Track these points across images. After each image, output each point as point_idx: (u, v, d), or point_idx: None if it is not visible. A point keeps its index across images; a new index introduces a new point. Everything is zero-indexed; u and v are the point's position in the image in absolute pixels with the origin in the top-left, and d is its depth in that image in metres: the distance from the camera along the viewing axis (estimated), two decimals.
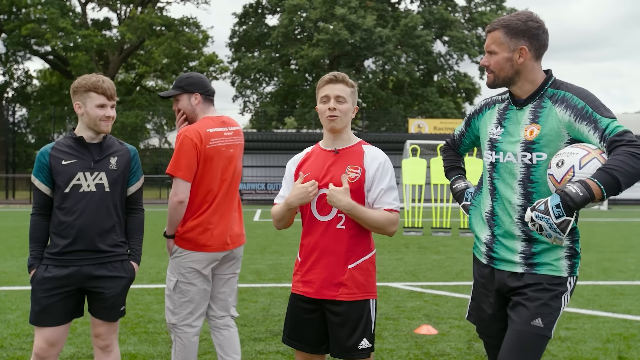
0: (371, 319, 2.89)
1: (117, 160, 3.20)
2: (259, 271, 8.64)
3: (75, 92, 3.16)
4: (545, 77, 2.66)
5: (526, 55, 2.61)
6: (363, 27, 37.88)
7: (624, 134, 2.38)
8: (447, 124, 33.00)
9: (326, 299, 2.86)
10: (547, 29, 2.66)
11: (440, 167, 14.66)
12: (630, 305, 6.57)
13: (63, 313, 3.14)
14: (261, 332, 5.32)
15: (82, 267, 3.10)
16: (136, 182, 3.31)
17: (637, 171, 2.31)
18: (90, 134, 3.18)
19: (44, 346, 3.12)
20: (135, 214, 3.34)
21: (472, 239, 12.43)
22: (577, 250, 2.63)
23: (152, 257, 9.91)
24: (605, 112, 2.46)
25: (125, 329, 5.43)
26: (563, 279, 2.61)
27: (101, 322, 3.20)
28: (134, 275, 3.30)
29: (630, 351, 4.84)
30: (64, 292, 3.10)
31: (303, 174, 2.94)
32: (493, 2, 43.68)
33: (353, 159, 2.91)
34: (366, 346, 2.85)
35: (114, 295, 3.17)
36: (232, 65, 44.15)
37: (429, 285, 7.70)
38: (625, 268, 9.26)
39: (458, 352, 4.80)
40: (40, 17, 37.08)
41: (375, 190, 2.88)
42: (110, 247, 3.16)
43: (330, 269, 2.86)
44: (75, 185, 3.10)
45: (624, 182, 2.31)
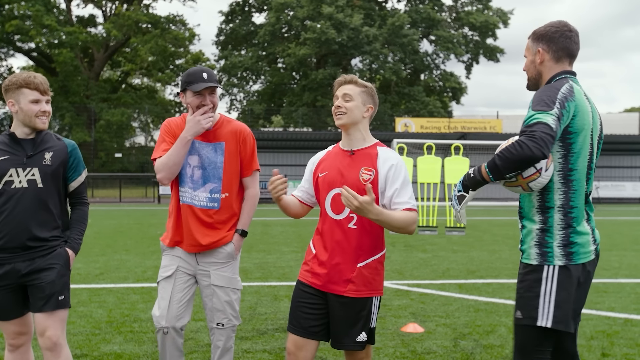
0: (372, 315, 3.02)
1: (52, 155, 3.17)
2: (245, 270, 8.62)
3: (7, 90, 3.14)
4: (550, 77, 2.80)
5: (543, 56, 2.80)
6: (350, 26, 37.93)
7: (532, 125, 2.54)
8: (434, 122, 33.14)
9: (333, 293, 2.99)
10: (572, 35, 2.80)
11: (427, 166, 14.73)
12: (614, 302, 6.64)
13: (10, 308, 3.16)
14: (248, 331, 5.31)
15: (16, 263, 3.10)
16: (77, 177, 3.29)
17: (515, 157, 2.51)
18: (25, 130, 3.16)
19: (14, 336, 3.19)
20: (79, 207, 3.33)
21: (457, 237, 12.51)
22: (547, 240, 2.69)
23: (137, 256, 9.86)
24: (537, 105, 2.60)
25: (110, 328, 5.39)
26: (535, 267, 2.71)
27: (42, 316, 3.10)
28: (68, 261, 3.23)
29: (614, 348, 4.89)
30: (6, 287, 3.12)
31: (320, 173, 3.08)
32: (479, 1, 43.94)
33: (367, 161, 3.00)
34: (363, 339, 2.99)
35: (49, 283, 3.11)
36: (219, 63, 44.01)
37: (415, 284, 7.73)
38: (609, 266, 9.36)
39: (444, 350, 4.82)
40: (25, 13, 36.70)
41: (389, 190, 2.96)
42: (43, 241, 3.14)
43: (340, 266, 2.98)
44: (7, 181, 3.09)
45: (502, 166, 2.55)
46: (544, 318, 2.67)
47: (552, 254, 2.68)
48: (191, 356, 4.61)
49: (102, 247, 10.78)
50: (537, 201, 2.73)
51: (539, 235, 2.72)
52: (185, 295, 3.39)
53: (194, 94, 3.27)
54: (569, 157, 2.66)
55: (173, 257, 3.42)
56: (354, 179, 2.96)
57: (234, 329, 3.44)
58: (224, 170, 3.36)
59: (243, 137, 3.42)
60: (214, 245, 3.37)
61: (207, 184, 3.35)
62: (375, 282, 3.00)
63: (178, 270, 3.39)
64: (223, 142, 3.37)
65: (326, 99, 40.20)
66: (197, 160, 3.36)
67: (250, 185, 3.48)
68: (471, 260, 9.94)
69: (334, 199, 3.00)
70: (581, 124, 2.66)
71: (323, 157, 3.15)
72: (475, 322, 5.71)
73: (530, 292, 2.70)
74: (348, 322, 2.98)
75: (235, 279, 3.44)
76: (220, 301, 3.38)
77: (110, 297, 6.73)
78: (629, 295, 7.07)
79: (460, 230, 14.20)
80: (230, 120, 3.46)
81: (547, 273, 2.68)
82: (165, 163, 3.27)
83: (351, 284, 2.96)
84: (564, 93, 2.62)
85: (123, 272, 8.43)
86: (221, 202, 3.37)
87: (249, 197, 3.48)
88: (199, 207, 3.35)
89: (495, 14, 43.39)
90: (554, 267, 2.68)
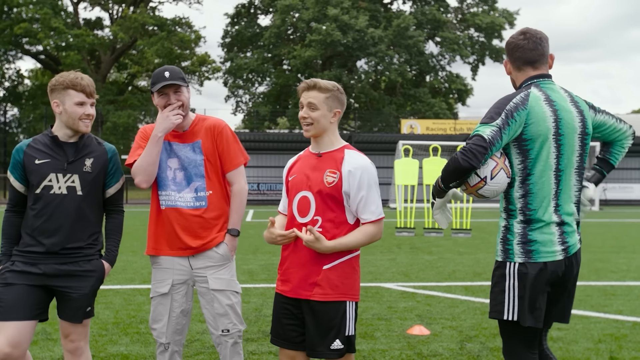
0: (346, 321, 2.89)
1: (92, 161, 3.11)
2: (251, 271, 8.62)
3: (53, 89, 3.06)
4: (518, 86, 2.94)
5: (509, 67, 2.98)
6: (355, 27, 37.94)
7: (470, 138, 2.72)
8: (440, 124, 33.08)
9: (302, 298, 2.91)
10: (525, 43, 2.88)
11: (432, 167, 14.70)
12: (622, 305, 6.60)
13: (25, 307, 2.98)
14: (254, 333, 5.30)
15: (48, 265, 3.03)
16: (115, 183, 3.23)
17: (450, 168, 2.72)
18: (67, 132, 3.09)
19: (7, 349, 2.93)
20: (115, 215, 3.27)
21: (463, 239, 12.49)
22: (508, 238, 2.85)
23: (144, 258, 9.87)
24: (483, 118, 2.77)
25: (117, 329, 5.40)
26: (500, 263, 2.88)
27: (68, 324, 3.10)
28: (104, 275, 3.18)
29: (622, 351, 4.86)
30: (25, 285, 3.00)
31: (290, 177, 3.05)
32: (485, 3, 43.85)
33: (332, 164, 2.93)
34: (338, 347, 2.86)
35: (80, 296, 3.06)
36: (225, 65, 44.12)
37: (421, 286, 7.71)
38: (617, 268, 9.30)
39: (450, 353, 4.80)
40: (33, 16, 36.90)
41: (355, 198, 2.90)
42: (78, 249, 3.08)
43: (305, 269, 2.90)
44: (47, 186, 3.02)
45: (443, 177, 2.78)
46: (509, 312, 2.81)
47: (512, 251, 2.83)
48: (197, 358, 4.61)
49: None
50: (503, 202, 2.91)
51: (503, 233, 2.89)
52: (185, 308, 3.33)
53: (158, 94, 3.24)
54: (526, 162, 2.79)
55: (165, 270, 3.31)
56: (318, 180, 2.91)
57: (240, 335, 3.33)
58: (205, 168, 3.29)
59: (218, 131, 3.32)
60: (204, 248, 3.27)
61: (191, 184, 3.29)
62: (344, 286, 2.89)
63: (174, 285, 3.30)
64: (199, 140, 3.30)
65: None
66: (177, 162, 3.30)
67: (235, 181, 3.36)
68: (477, 262, 9.90)
69: (300, 202, 2.95)
70: (536, 131, 2.75)
71: (294, 161, 3.11)
72: (481, 324, 5.69)
73: (497, 287, 2.86)
74: (320, 329, 2.87)
75: (234, 281, 3.36)
76: (222, 305, 3.28)
77: (117, 298, 6.74)
78: (638, 298, 7.02)
79: (467, 232, 14.16)
80: (205, 118, 3.39)
81: (509, 269, 2.84)
82: (139, 165, 3.21)
83: (317, 287, 2.87)
84: (515, 103, 2.76)
85: (129, 273, 8.45)
86: (208, 200, 3.28)
87: (235, 194, 3.35)
88: (187, 208, 3.26)
89: (501, 15, 43.29)
90: (514, 263, 2.83)
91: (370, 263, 9.60)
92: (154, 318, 3.33)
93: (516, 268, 2.81)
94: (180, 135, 3.33)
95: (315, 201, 2.91)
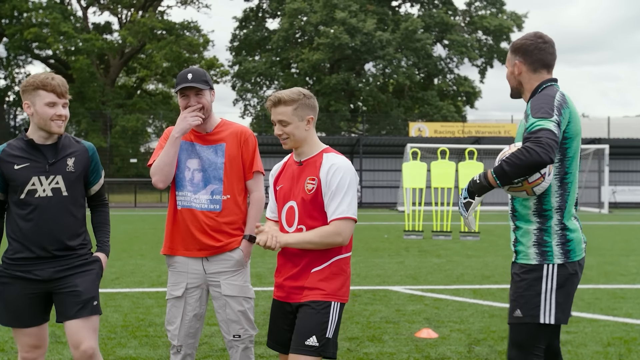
0: (328, 321, 2.84)
1: (74, 160, 3.08)
2: (259, 275, 8.64)
3: (24, 91, 3.03)
4: (536, 87, 2.93)
5: (521, 68, 2.94)
6: (363, 30, 37.94)
7: (536, 132, 2.60)
8: (448, 127, 33.00)
9: (293, 302, 2.94)
10: (546, 46, 2.93)
11: (440, 170, 14.68)
12: (631, 308, 6.55)
13: (33, 315, 3.07)
14: (262, 336, 5.30)
15: (43, 271, 3.02)
16: (98, 179, 3.23)
17: (524, 163, 2.57)
18: (42, 134, 3.04)
19: (27, 348, 3.09)
20: (101, 209, 3.28)
21: (472, 242, 12.44)
22: (546, 240, 2.80)
23: (152, 261, 9.91)
24: (537, 113, 2.69)
25: (125, 332, 5.43)
26: (534, 266, 2.81)
27: (76, 324, 3.02)
28: (102, 267, 3.20)
29: (631, 355, 4.83)
30: (29, 294, 3.03)
31: (277, 186, 3.07)
32: (493, 5, 43.73)
33: (312, 170, 2.94)
34: (312, 344, 2.80)
35: (86, 287, 3.05)
36: (233, 69, 44.23)
37: (429, 289, 7.69)
38: (626, 271, 9.25)
39: (459, 356, 4.79)
40: (42, 21, 37.17)
41: (325, 194, 2.89)
42: (72, 250, 3.07)
43: (296, 275, 2.93)
44: (30, 190, 2.99)
45: (510, 171, 2.61)
46: (545, 315, 2.77)
47: (552, 252, 2.79)
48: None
49: (118, 252, 10.85)
50: (534, 204, 2.83)
51: (537, 235, 2.81)
52: (198, 312, 3.36)
53: (180, 95, 3.27)
54: (565, 161, 2.80)
55: (180, 274, 3.34)
56: (300, 189, 2.93)
57: (251, 340, 3.36)
58: (225, 172, 3.30)
59: (245, 137, 3.36)
60: (219, 250, 3.29)
61: (208, 186, 3.30)
62: (332, 287, 2.88)
63: (187, 288, 3.33)
64: (224, 144, 3.33)
65: (339, 104, 40.19)
66: (197, 163, 3.32)
67: (254, 189, 3.41)
68: (486, 265, 9.87)
69: (287, 212, 2.98)
70: (575, 130, 2.80)
71: (280, 170, 3.10)
72: (489, 327, 5.67)
73: (531, 291, 2.79)
74: (300, 326, 2.86)
75: (247, 287, 3.38)
76: (234, 311, 3.30)
77: (126, 301, 6.78)
78: None
79: (475, 235, 14.11)
80: (231, 123, 3.43)
81: (547, 272, 2.79)
82: (157, 165, 3.26)
83: (306, 290, 2.89)
84: (559, 100, 2.76)
85: (138, 276, 8.48)
86: (223, 204, 3.29)
87: (254, 201, 3.41)
88: (200, 210, 3.28)
89: (509, 17, 43.15)
90: (553, 265, 2.79)
91: (379, 266, 9.60)
92: (169, 320, 3.38)
93: (556, 270, 2.78)
94: (202, 137, 3.35)
95: (299, 210, 2.93)
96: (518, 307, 2.81)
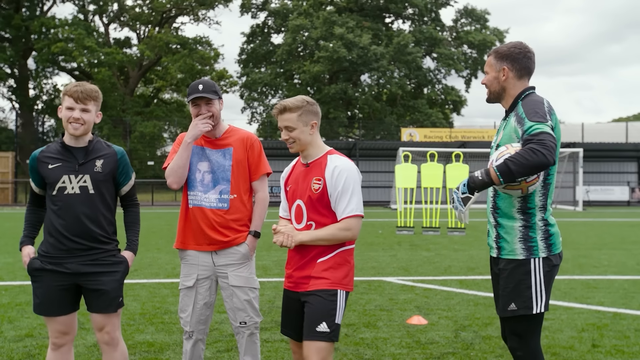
0: (335, 308, 2.82)
1: (103, 162, 3.10)
2: (265, 267, 8.63)
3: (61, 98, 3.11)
4: (519, 92, 2.85)
5: (507, 74, 2.85)
6: (359, 45, 37.93)
7: (538, 134, 2.54)
8: (436, 132, 32.97)
9: (301, 291, 2.92)
10: (531, 55, 2.86)
11: (430, 172, 14.68)
12: (603, 297, 6.55)
13: (62, 305, 3.07)
14: (267, 323, 5.30)
15: (73, 264, 3.02)
16: (128, 181, 3.22)
17: (530, 163, 2.50)
18: (71, 137, 3.08)
19: (58, 335, 3.10)
20: (131, 209, 3.27)
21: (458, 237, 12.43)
22: (531, 236, 2.75)
23: (168, 254, 9.91)
24: (533, 117, 2.63)
25: (143, 319, 5.42)
26: (521, 261, 2.75)
27: (101, 316, 3.08)
28: (128, 265, 3.18)
29: (603, 339, 4.82)
30: (59, 286, 3.04)
31: (287, 187, 3.05)
32: (477, 22, 43.73)
33: (317, 171, 2.92)
34: (323, 330, 2.77)
35: (112, 288, 3.06)
36: (241, 79, 44.21)
37: (419, 280, 7.68)
38: (599, 264, 9.23)
39: (446, 341, 4.79)
40: (68, 36, 37.18)
41: (333, 194, 2.87)
42: (98, 243, 3.07)
43: (304, 265, 2.91)
44: (61, 187, 3.03)
45: (517, 170, 2.52)
46: (537, 305, 2.73)
47: (537, 247, 2.75)
48: (216, 345, 4.62)
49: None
50: (518, 202, 2.77)
51: (522, 232, 2.76)
52: (208, 301, 3.36)
53: (192, 104, 3.28)
54: None
55: (191, 266, 3.35)
56: (307, 189, 2.91)
57: (256, 326, 3.37)
58: (232, 173, 3.32)
59: (250, 142, 3.39)
60: (227, 245, 3.30)
61: (217, 186, 3.32)
62: (337, 276, 2.85)
63: (198, 279, 3.33)
64: (231, 148, 3.34)
65: (338, 112, 40.17)
66: (207, 165, 3.33)
67: (260, 189, 3.43)
68: (471, 258, 9.86)
69: (296, 210, 2.97)
70: (558, 134, 2.75)
71: (290, 172, 3.09)
72: (474, 315, 5.66)
73: (522, 285, 2.74)
74: (310, 314, 2.81)
75: (252, 278, 3.38)
76: (240, 300, 3.32)
77: (144, 291, 6.77)
78: (618, 290, 6.96)
79: (461, 230, 14.10)
80: (238, 129, 3.46)
81: (534, 265, 2.74)
82: (171, 168, 3.28)
83: (312, 279, 2.87)
84: (547, 107, 2.72)
85: (155, 268, 8.48)
86: (230, 203, 3.31)
87: (259, 201, 3.42)
88: (209, 208, 3.29)
89: (492, 33, 43.14)
90: (539, 259, 2.75)
91: (373, 259, 9.58)
92: (181, 308, 3.38)
93: (541, 263, 2.74)
94: (212, 142, 3.37)
95: (306, 208, 2.92)
96: (512, 300, 2.74)
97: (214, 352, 4.45)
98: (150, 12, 42.04)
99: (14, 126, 38.61)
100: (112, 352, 3.13)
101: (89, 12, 41.68)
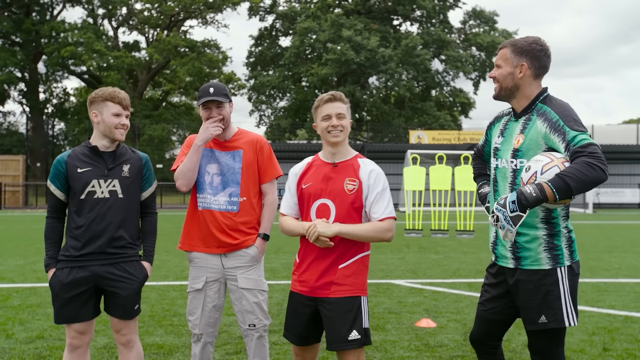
0: (362, 314, 2.86)
1: (129, 167, 3.14)
2: (273, 269, 8.64)
3: (92, 102, 3.10)
4: (538, 93, 2.70)
5: (525, 71, 2.68)
6: (367, 47, 37.93)
7: (587, 146, 2.40)
8: (445, 135, 32.89)
9: (319, 297, 2.89)
10: (550, 54, 2.72)
11: (438, 174, 14.65)
12: (614, 301, 6.50)
13: (85, 312, 3.09)
14: (275, 325, 5.31)
15: (96, 266, 3.04)
16: (149, 187, 3.25)
17: (589, 179, 2.35)
18: (104, 142, 3.12)
19: (76, 335, 3.11)
20: (149, 217, 3.28)
21: (467, 240, 12.34)
22: (556, 244, 2.65)
23: (177, 257, 9.95)
24: (574, 125, 2.50)
25: (152, 321, 5.45)
26: (548, 271, 2.63)
27: (119, 321, 3.14)
28: (147, 275, 3.20)
29: (614, 343, 4.79)
30: (83, 292, 3.05)
31: (304, 184, 2.99)
32: (486, 24, 43.58)
33: (350, 172, 2.92)
34: (355, 337, 2.82)
35: (128, 295, 3.09)
36: (249, 82, 44.32)
37: (428, 282, 7.66)
38: (609, 267, 9.17)
39: (455, 344, 4.77)
40: (78, 40, 37.48)
41: (369, 197, 2.89)
42: (122, 249, 3.09)
43: (322, 271, 2.89)
44: (90, 191, 3.05)
45: (575, 187, 2.36)
46: (569, 318, 2.62)
47: (562, 255, 2.66)
48: (224, 348, 4.63)
49: None
50: (542, 212, 2.65)
51: (547, 240, 2.64)
52: (217, 304, 3.36)
53: (203, 107, 3.28)
54: None
55: (200, 269, 3.35)
56: (338, 189, 2.90)
57: (265, 329, 3.36)
58: (242, 176, 3.31)
59: (260, 145, 3.38)
60: (236, 247, 3.30)
61: (226, 189, 3.31)
62: (357, 283, 2.88)
63: (207, 282, 3.33)
64: (241, 150, 3.34)
65: None
66: (216, 168, 3.33)
67: (269, 192, 3.42)
68: (480, 260, 9.82)
69: (319, 209, 2.92)
70: None
71: (305, 169, 3.05)
72: None
73: (551, 296, 2.62)
74: (338, 323, 2.83)
75: (261, 280, 3.38)
76: (249, 303, 3.31)
77: (153, 293, 6.80)
78: (629, 294, 6.91)
79: (470, 233, 14.04)
80: (247, 132, 3.45)
81: (561, 274, 2.64)
82: (180, 170, 3.28)
83: (335, 285, 2.86)
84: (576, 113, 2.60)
85: (164, 271, 8.51)
86: (240, 205, 3.30)
87: (268, 203, 3.41)
88: (219, 211, 3.29)
89: (501, 34, 42.97)
90: (564, 267, 2.65)
91: (382, 261, 9.57)
92: (190, 311, 3.37)
93: (566, 271, 2.64)
94: (221, 144, 3.36)
95: (336, 208, 2.89)
96: (542, 313, 2.61)
97: (222, 354, 4.46)
98: (158, 16, 42.26)
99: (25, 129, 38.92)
100: (128, 353, 3.18)
101: (98, 16, 41.97)
